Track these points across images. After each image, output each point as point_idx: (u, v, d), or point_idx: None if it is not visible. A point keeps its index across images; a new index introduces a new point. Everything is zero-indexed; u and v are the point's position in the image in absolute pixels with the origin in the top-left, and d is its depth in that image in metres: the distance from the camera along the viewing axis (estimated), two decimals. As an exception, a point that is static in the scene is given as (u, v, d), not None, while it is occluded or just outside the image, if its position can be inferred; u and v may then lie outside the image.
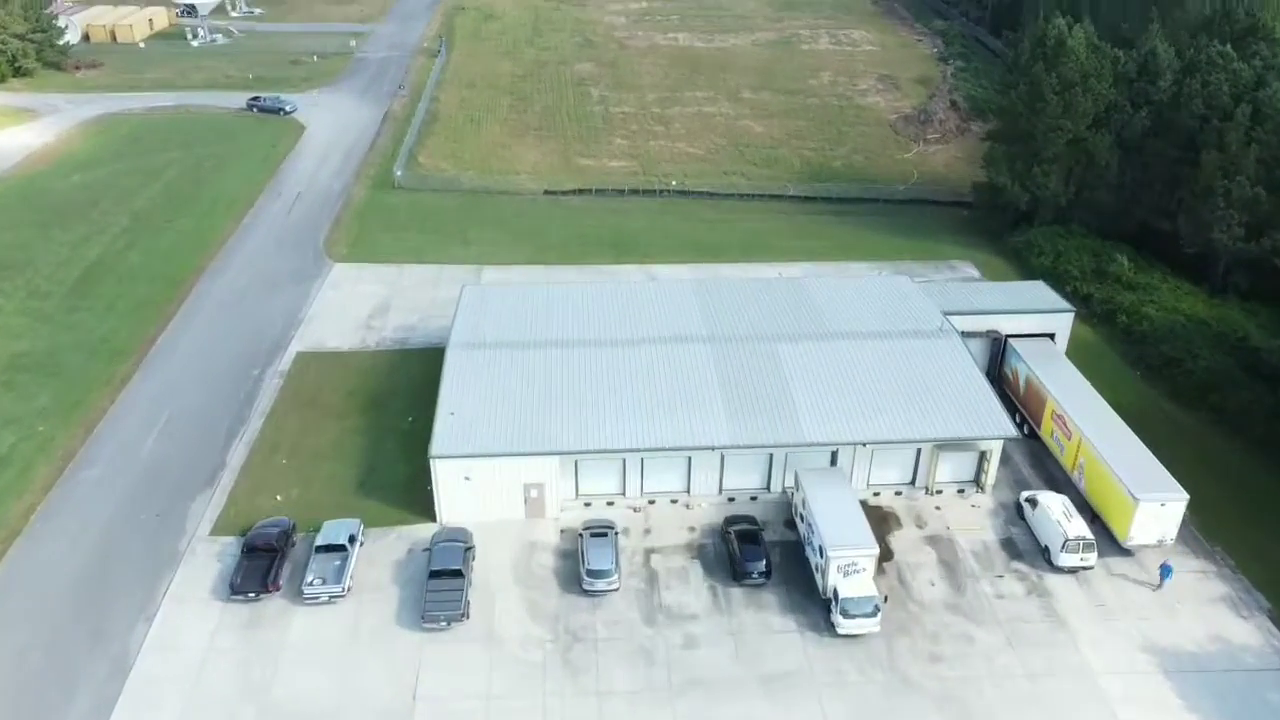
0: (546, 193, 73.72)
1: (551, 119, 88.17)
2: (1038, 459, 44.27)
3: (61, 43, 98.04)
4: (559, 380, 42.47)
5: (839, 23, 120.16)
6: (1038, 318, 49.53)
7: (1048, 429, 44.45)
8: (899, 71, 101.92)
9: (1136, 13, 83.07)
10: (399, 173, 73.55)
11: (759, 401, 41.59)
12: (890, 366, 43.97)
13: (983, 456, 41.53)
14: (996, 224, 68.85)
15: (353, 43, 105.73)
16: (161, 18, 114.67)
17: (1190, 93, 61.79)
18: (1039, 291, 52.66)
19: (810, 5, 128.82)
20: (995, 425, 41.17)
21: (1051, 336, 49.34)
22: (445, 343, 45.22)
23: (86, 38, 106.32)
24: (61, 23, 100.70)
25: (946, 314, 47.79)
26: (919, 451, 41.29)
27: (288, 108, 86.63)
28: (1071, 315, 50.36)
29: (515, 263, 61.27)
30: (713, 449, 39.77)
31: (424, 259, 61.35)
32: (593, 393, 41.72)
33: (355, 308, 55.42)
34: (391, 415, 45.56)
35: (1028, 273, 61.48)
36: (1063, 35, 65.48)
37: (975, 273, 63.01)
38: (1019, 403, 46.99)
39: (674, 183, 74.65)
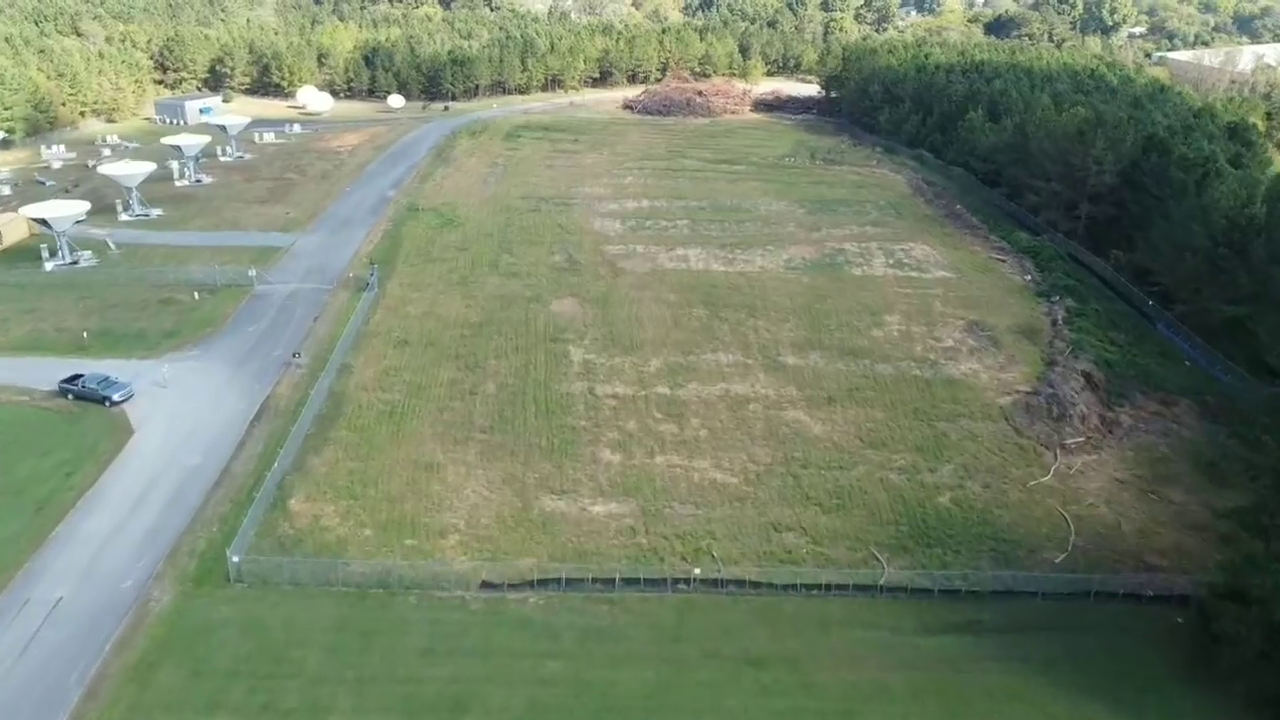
0: (485, 585, 44.56)
1: (509, 411, 59.85)
2: None
3: None
4: None
5: (892, 232, 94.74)
6: None
7: None
8: (990, 314, 75.02)
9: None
10: (235, 559, 43.88)
11: None
12: None
13: None
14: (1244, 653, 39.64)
15: (252, 272, 78.29)
16: (18, 227, 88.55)
17: None
18: None
19: (849, 205, 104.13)
20: None
21: None
22: None
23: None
24: None
25: None
26: None
27: (117, 395, 58.21)
28: None
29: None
30: None
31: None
32: None
33: None
34: None
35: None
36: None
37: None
38: None
39: (697, 570, 45.50)
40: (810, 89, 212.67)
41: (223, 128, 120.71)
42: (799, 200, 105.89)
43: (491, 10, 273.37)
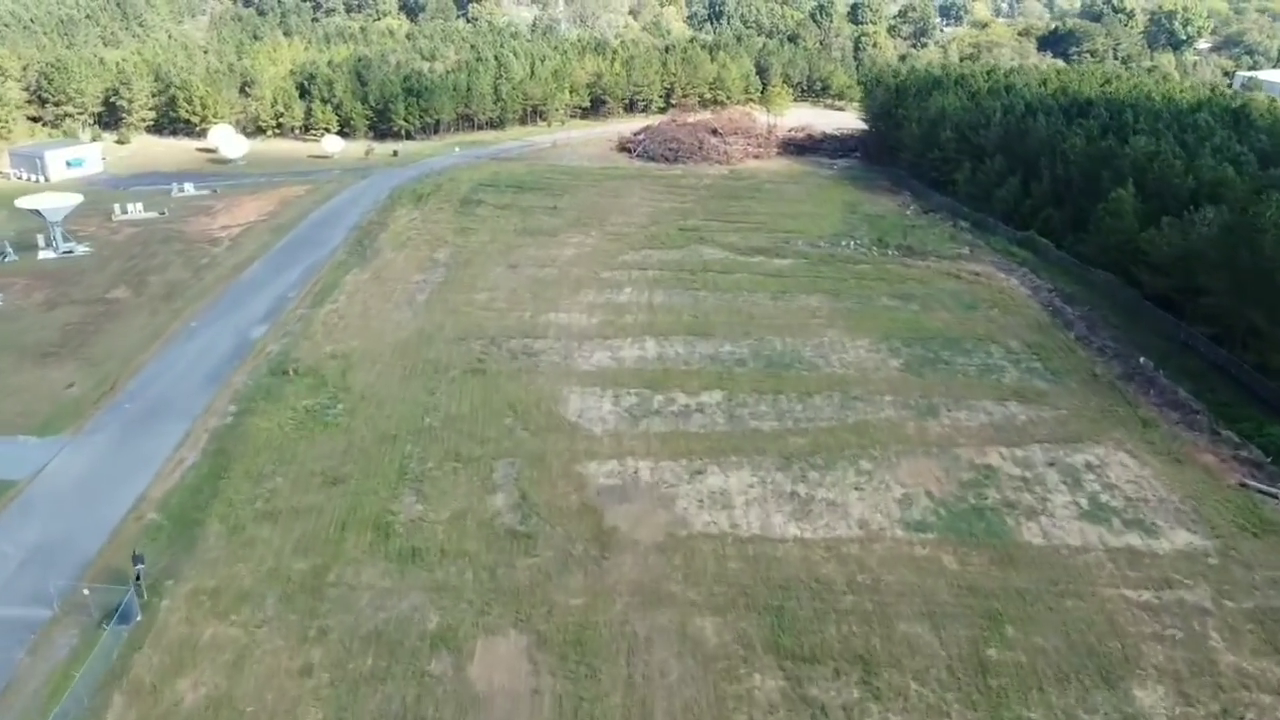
0: None
1: None
2: None
3: None
4: None
5: (1055, 419, 57.60)
6: None
7: None
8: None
9: None
10: None
11: None
12: None
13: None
14: None
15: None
16: None
17: None
18: None
19: (965, 347, 66.97)
20: None
21: None
22: None
23: None
24: None
25: None
26: None
27: None
28: None
29: None
30: None
31: None
32: None
33: None
34: None
35: None
36: None
37: None
38: None
39: None
40: (843, 117, 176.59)
41: (38, 213, 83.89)
42: (885, 337, 69.14)
43: (469, 22, 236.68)
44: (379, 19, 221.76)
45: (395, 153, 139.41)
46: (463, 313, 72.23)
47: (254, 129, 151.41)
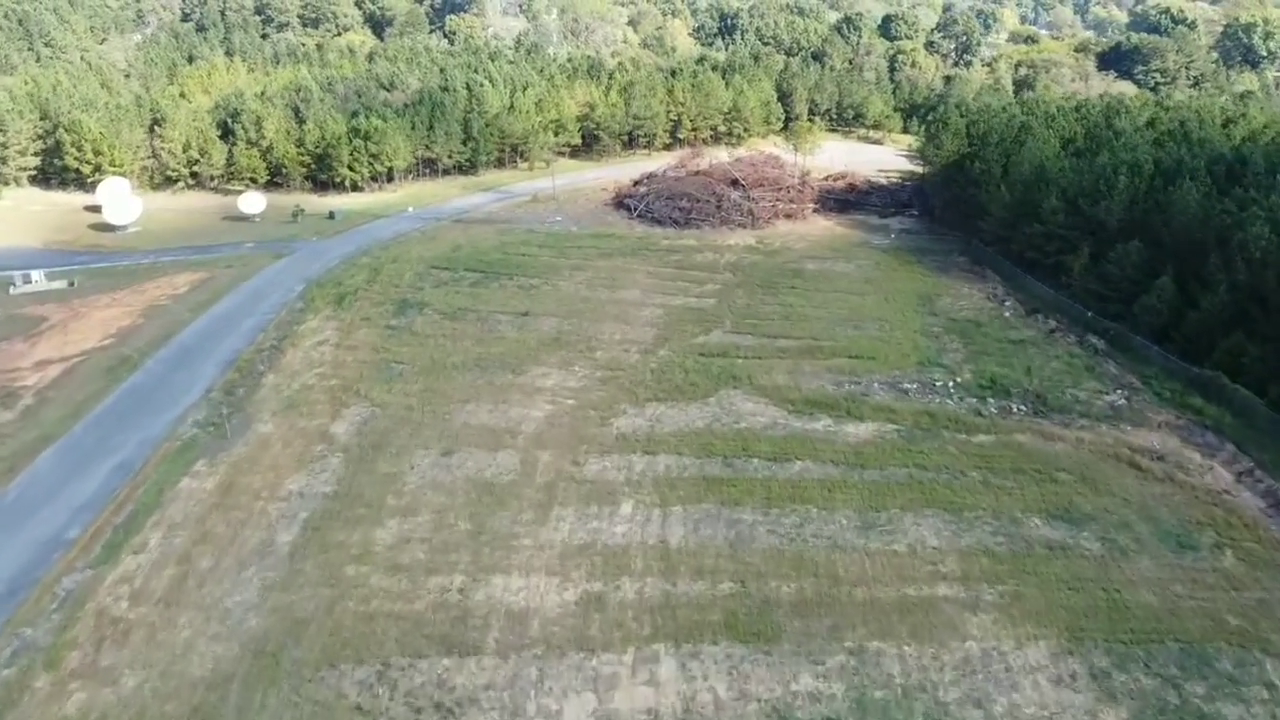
0: None
1: None
2: None
3: None
4: None
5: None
6: None
7: None
8: None
9: None
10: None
11: None
12: None
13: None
14: None
15: None
16: None
17: None
18: None
19: (1217, 674, 37.43)
20: None
21: None
22: None
23: None
24: None
25: None
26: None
27: None
28: None
29: None
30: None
31: None
32: None
33: None
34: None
35: None
36: None
37: None
38: None
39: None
40: (881, 153, 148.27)
41: None
42: (1073, 638, 39.16)
43: (446, 36, 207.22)
44: (339, 34, 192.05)
45: (331, 214, 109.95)
46: (346, 584, 42.56)
47: (162, 180, 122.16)
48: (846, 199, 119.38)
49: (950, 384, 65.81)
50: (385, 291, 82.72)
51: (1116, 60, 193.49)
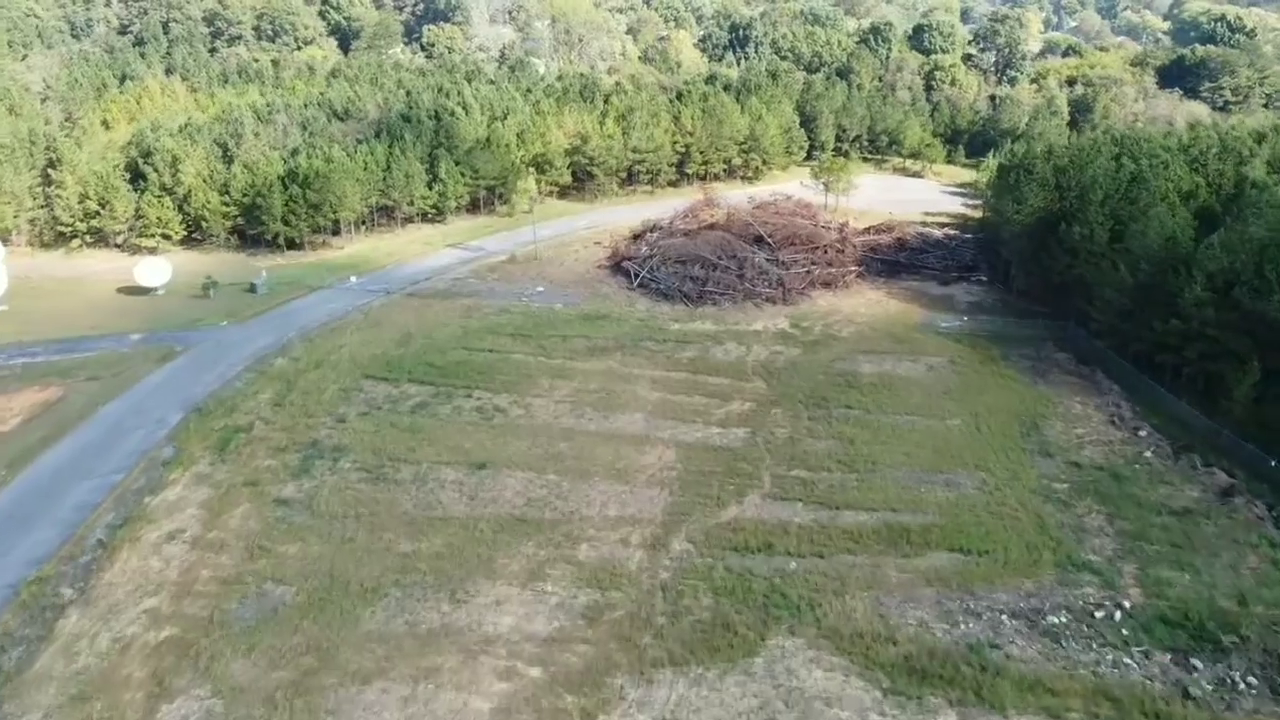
0: None
1: None
2: None
3: None
4: None
5: None
6: None
7: None
8: None
9: None
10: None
11: None
12: None
13: None
14: None
15: None
16: None
17: None
18: None
19: None
20: None
21: None
22: None
23: None
24: None
25: None
26: None
27: None
28: None
29: None
30: None
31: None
32: None
33: None
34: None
35: None
36: None
37: None
38: None
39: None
40: (924, 189, 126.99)
41: None
42: None
43: (424, 49, 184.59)
44: (299, 48, 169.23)
45: (252, 286, 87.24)
46: None
47: (54, 236, 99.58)
48: (896, 260, 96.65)
49: (1116, 614, 43.09)
50: (292, 425, 59.96)
51: (1180, 76, 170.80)
